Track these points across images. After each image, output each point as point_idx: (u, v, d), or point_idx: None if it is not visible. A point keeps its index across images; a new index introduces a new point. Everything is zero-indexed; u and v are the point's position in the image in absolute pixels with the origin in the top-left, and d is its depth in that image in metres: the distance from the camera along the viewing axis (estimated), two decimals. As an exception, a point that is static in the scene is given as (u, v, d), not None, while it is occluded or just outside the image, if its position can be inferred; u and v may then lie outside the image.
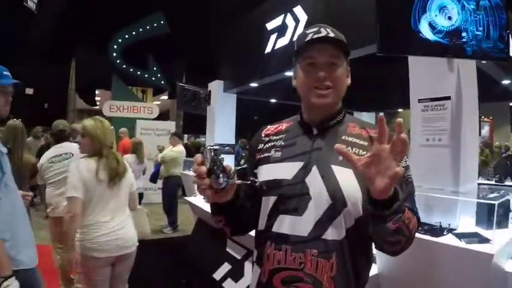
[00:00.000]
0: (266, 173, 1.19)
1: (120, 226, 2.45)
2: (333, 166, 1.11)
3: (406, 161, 1.17)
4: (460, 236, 2.11)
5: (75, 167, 2.39)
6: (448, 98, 2.45)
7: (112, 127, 2.72)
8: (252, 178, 1.08)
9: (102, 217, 2.39)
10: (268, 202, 1.18)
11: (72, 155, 3.51)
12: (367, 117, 7.65)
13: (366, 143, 1.14)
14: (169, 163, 6.35)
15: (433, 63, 2.53)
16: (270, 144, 1.26)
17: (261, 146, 1.28)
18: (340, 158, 1.09)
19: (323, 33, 1.15)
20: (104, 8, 10.29)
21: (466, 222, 2.35)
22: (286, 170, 1.16)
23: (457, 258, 1.96)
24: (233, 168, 0.99)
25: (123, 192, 2.56)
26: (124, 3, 10.02)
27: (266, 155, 1.24)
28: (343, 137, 1.17)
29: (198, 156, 1.00)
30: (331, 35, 1.15)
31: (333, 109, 1.21)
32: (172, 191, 6.37)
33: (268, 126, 1.35)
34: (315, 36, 1.15)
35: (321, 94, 1.15)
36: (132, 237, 2.55)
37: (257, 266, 1.21)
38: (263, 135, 1.32)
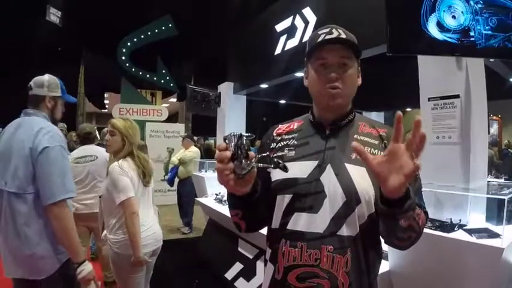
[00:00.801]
0: (280, 172, 1.18)
1: (153, 222, 2.58)
2: (346, 164, 1.15)
3: None
4: (471, 231, 2.14)
5: (119, 169, 2.39)
6: (457, 96, 2.49)
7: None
8: (276, 160, 1.09)
9: (142, 214, 2.45)
10: (284, 200, 1.20)
11: (97, 157, 3.65)
12: (376, 116, 7.65)
13: (376, 142, 1.19)
14: (188, 164, 6.44)
15: (442, 62, 2.56)
16: (282, 143, 1.29)
17: (273, 145, 1.30)
18: (353, 156, 1.14)
19: (334, 34, 1.18)
20: (112, 11, 10.39)
21: (477, 219, 2.37)
22: (301, 169, 1.18)
23: (467, 253, 2.00)
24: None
25: (151, 190, 2.66)
26: (132, 6, 10.12)
27: (280, 154, 1.26)
28: (355, 136, 1.20)
29: (222, 143, 1.01)
30: (343, 36, 1.18)
31: (345, 109, 1.24)
32: (192, 192, 6.42)
33: (279, 125, 1.37)
34: (327, 37, 1.17)
35: (332, 94, 1.17)
36: (161, 233, 2.64)
37: (271, 263, 1.23)
38: (275, 134, 1.34)
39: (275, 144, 1.30)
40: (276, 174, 1.22)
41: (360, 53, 1.21)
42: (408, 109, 10.48)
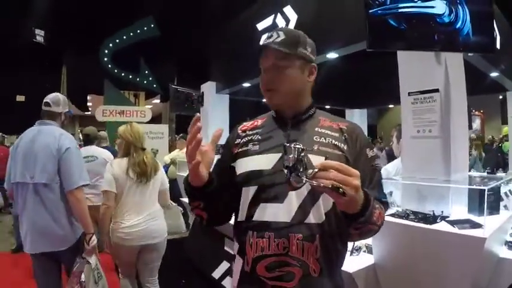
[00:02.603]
0: (245, 165, 1.26)
1: (145, 219, 2.77)
2: (309, 155, 1.14)
3: (373, 151, 1.31)
4: (453, 222, 2.17)
5: (109, 166, 2.80)
6: (437, 90, 2.52)
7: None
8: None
9: (129, 210, 2.74)
10: (249, 192, 1.23)
11: (96, 158, 4.11)
12: (359, 114, 7.73)
13: (337, 134, 1.25)
14: (179, 165, 6.45)
15: (421, 56, 2.60)
16: (247, 139, 1.33)
17: (238, 140, 1.35)
18: (315, 147, 1.20)
19: (273, 37, 1.23)
20: (93, 13, 10.24)
21: (459, 210, 2.41)
22: (265, 161, 1.22)
23: (450, 244, 2.03)
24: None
25: (152, 190, 2.87)
26: (115, 8, 9.99)
27: (244, 148, 1.31)
28: (316, 129, 1.26)
29: (197, 116, 1.08)
30: (279, 39, 1.22)
31: (300, 105, 1.30)
32: (180, 192, 6.40)
33: (244, 123, 1.43)
34: (265, 42, 1.24)
35: (268, 96, 1.27)
36: (157, 230, 2.85)
37: (239, 256, 1.25)
38: (240, 131, 1.39)
39: (240, 140, 1.35)
40: (241, 168, 1.27)
41: (296, 54, 1.23)
42: (391, 105, 10.63)
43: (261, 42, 1.26)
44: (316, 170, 0.93)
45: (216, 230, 4.55)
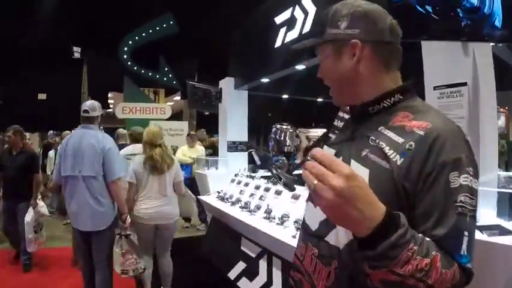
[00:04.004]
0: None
1: (159, 204, 3.52)
2: (352, 161, 0.95)
3: (467, 178, 0.83)
4: (481, 228, 1.99)
5: (131, 161, 3.65)
6: (465, 84, 2.33)
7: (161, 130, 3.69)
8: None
9: (145, 196, 3.51)
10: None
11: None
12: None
13: (401, 139, 0.88)
14: (197, 162, 6.80)
15: (447, 48, 2.41)
16: (336, 123, 1.16)
17: (335, 122, 1.17)
18: (364, 152, 0.93)
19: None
20: (113, 11, 10.35)
21: (487, 214, 2.22)
22: None
23: (477, 253, 1.85)
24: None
25: (166, 181, 3.56)
26: (133, 5, 10.07)
27: (330, 134, 1.15)
28: (380, 128, 0.95)
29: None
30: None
31: (362, 96, 1.01)
32: (198, 191, 6.46)
33: None
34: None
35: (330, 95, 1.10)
36: (168, 214, 3.60)
37: None
38: (341, 111, 1.18)
39: (336, 121, 1.16)
40: None
41: (324, 37, 1.03)
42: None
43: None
44: (308, 158, 0.74)
45: (233, 230, 4.48)
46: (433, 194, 0.81)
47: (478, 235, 1.93)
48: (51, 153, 7.14)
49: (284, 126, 0.93)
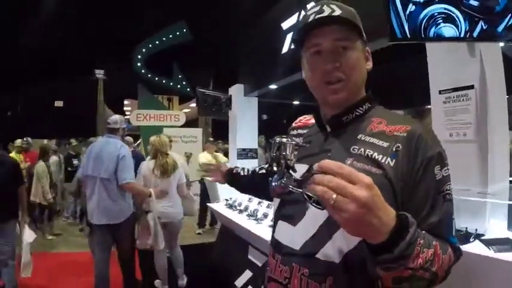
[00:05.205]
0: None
1: (167, 204, 3.97)
2: None
3: (446, 170, 0.93)
4: (489, 242, 1.85)
5: (140, 166, 4.09)
6: (472, 87, 2.19)
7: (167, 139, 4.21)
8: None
9: (153, 197, 3.78)
10: (275, 205, 1.10)
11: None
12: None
13: (386, 144, 0.92)
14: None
15: (453, 48, 2.28)
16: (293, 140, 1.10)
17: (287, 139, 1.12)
18: (348, 161, 0.92)
19: (326, 12, 0.96)
20: (127, 19, 10.53)
21: (496, 227, 2.07)
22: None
23: (484, 270, 1.71)
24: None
25: (172, 183, 4.04)
26: (147, 14, 10.21)
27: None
28: (359, 136, 0.97)
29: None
30: (337, 12, 0.95)
31: (349, 102, 1.01)
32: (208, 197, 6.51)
33: (302, 117, 1.21)
34: (317, 16, 0.95)
35: (332, 90, 0.98)
36: (173, 213, 4.06)
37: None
38: (293, 126, 1.20)
39: (289, 139, 1.11)
40: None
41: (361, 30, 0.98)
42: (428, 106, 9.95)
43: (311, 18, 0.96)
44: (313, 172, 0.71)
45: (241, 238, 4.42)
46: (424, 185, 0.89)
47: (485, 251, 1.79)
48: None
49: (284, 140, 0.85)
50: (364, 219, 0.67)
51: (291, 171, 0.84)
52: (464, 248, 1.86)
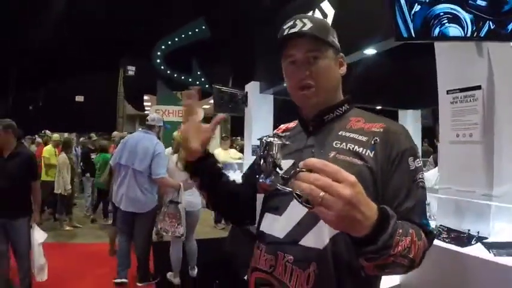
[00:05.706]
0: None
1: (187, 194, 4.07)
2: None
3: (418, 161, 1.04)
4: (490, 246, 1.82)
5: (168, 161, 4.20)
6: (479, 87, 2.15)
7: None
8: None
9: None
10: (260, 199, 1.17)
11: None
12: (412, 115, 7.09)
13: (365, 139, 1.03)
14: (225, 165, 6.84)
15: (460, 48, 2.24)
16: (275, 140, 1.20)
17: (274, 139, 1.23)
18: (331, 155, 1.01)
19: (298, 26, 1.06)
20: (147, 16, 10.69)
21: (501, 230, 2.03)
22: None
23: (483, 273, 1.70)
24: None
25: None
26: (167, 11, 10.33)
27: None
28: (340, 133, 1.07)
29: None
30: (308, 26, 1.05)
31: (326, 104, 1.12)
32: None
33: (282, 125, 1.33)
34: (290, 31, 1.07)
35: (304, 96, 1.09)
36: (192, 202, 4.17)
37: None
38: (275, 133, 1.25)
39: (273, 139, 1.21)
40: None
41: (329, 42, 1.09)
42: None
43: (285, 32, 1.07)
44: (299, 169, 0.72)
45: (252, 232, 4.45)
46: (400, 174, 0.99)
47: (484, 254, 1.77)
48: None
49: (271, 139, 0.90)
50: (349, 215, 0.69)
51: (277, 170, 0.88)
52: (465, 250, 1.86)
